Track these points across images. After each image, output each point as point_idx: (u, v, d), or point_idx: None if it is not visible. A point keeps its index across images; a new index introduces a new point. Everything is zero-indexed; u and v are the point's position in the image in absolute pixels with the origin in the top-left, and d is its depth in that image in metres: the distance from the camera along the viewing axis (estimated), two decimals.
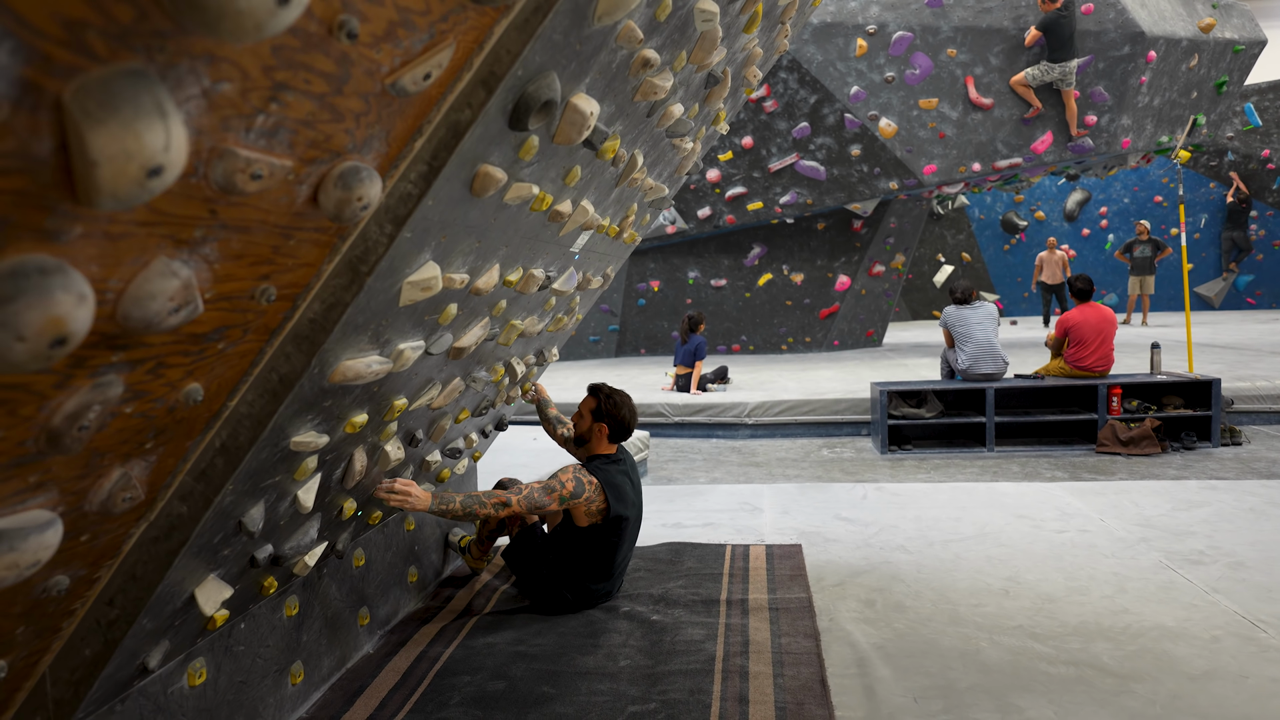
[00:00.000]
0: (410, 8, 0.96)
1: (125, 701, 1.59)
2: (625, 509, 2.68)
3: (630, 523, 2.74)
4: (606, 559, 2.71)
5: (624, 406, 2.81)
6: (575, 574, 2.73)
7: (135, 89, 0.68)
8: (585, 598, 2.75)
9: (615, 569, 2.77)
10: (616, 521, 2.66)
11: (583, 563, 2.71)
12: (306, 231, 1.12)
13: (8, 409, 0.85)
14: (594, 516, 2.65)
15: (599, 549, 2.69)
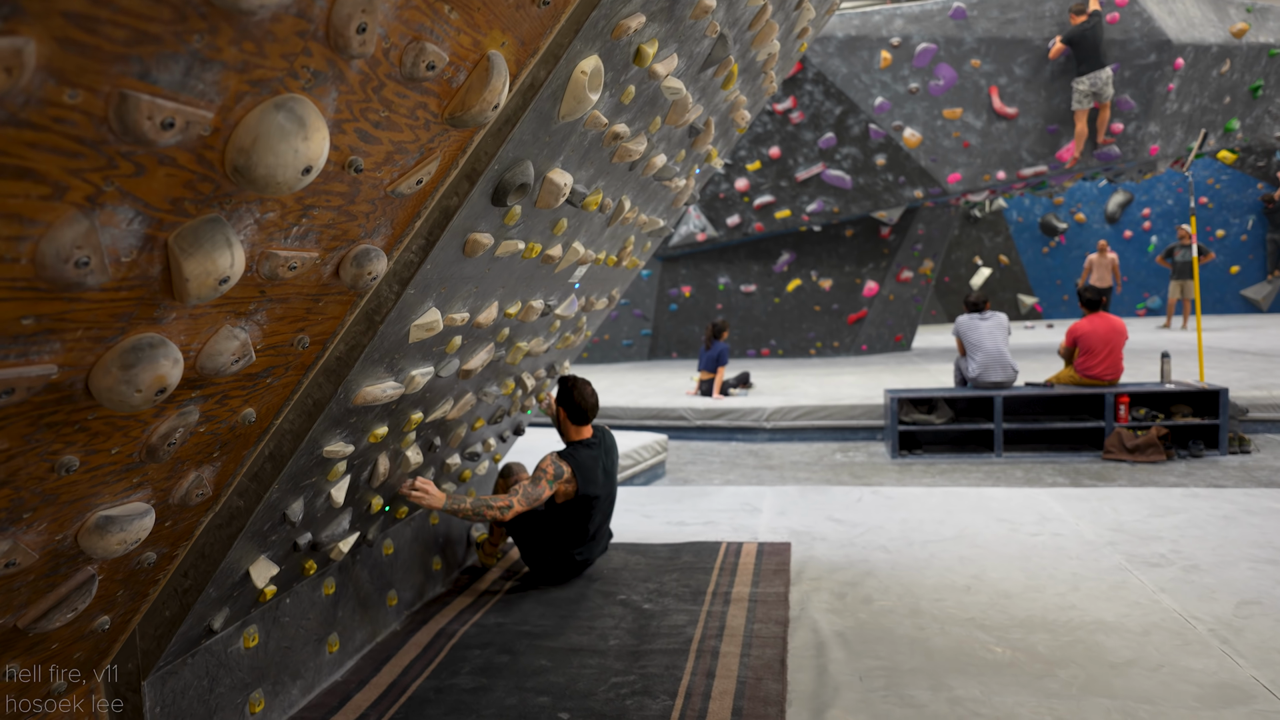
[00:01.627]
0: (402, 141, 1.32)
1: (195, 656, 1.99)
2: (594, 489, 3.10)
3: (600, 500, 3.15)
4: (580, 528, 3.15)
5: (579, 390, 3.20)
6: (556, 541, 3.13)
7: (212, 231, 1.04)
8: (568, 561, 3.19)
9: (589, 537, 3.18)
10: (586, 499, 3.08)
11: (561, 531, 3.14)
12: (332, 295, 1.49)
13: (123, 433, 1.24)
14: (567, 495, 3.07)
15: (573, 520, 3.13)
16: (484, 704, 2.35)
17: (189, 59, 0.85)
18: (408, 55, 1.15)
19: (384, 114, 1.21)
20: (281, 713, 2.31)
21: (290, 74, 0.99)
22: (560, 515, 3.16)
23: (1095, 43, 8.39)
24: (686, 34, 2.04)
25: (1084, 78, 8.46)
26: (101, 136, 0.82)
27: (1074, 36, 8.41)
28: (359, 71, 1.09)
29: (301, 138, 1.01)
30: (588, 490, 3.10)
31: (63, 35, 0.72)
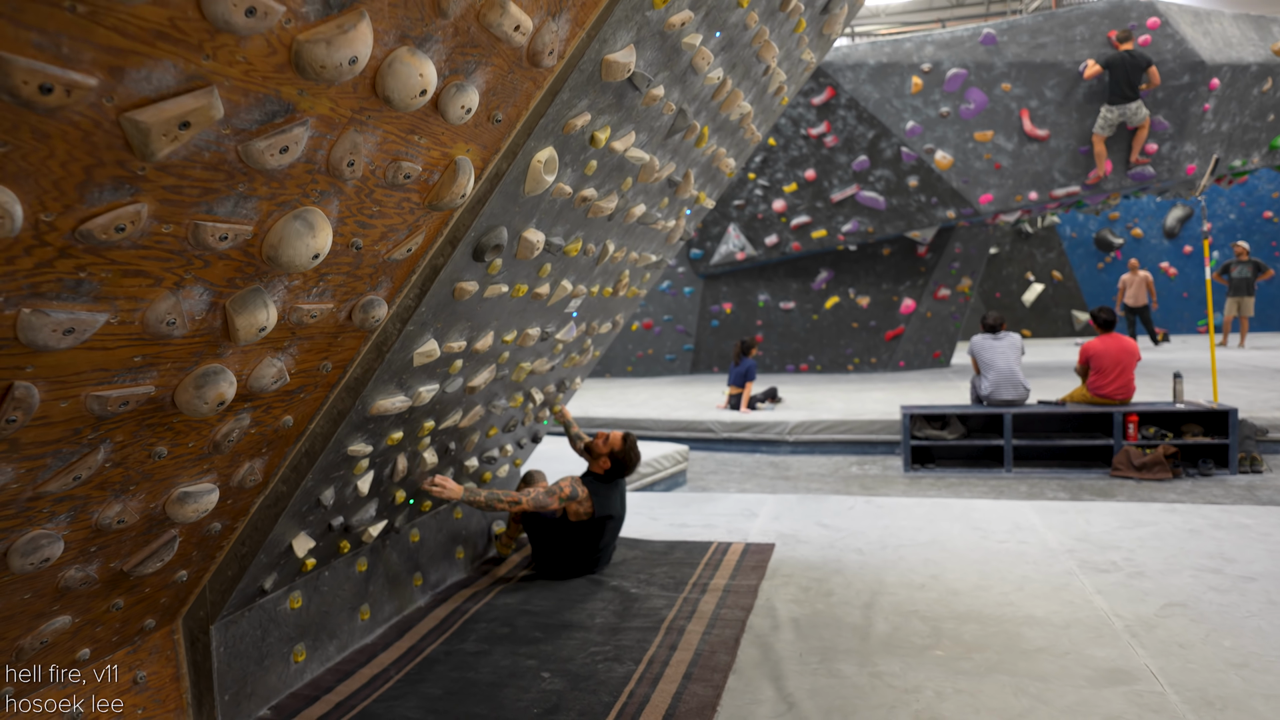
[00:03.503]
0: (393, 224, 1.82)
1: (251, 611, 2.53)
2: (609, 510, 3.54)
3: (613, 520, 3.57)
4: (592, 545, 3.56)
5: (634, 460, 3.70)
6: (570, 555, 3.57)
7: (255, 297, 1.56)
8: (576, 573, 3.60)
9: (599, 556, 3.60)
10: (602, 520, 3.50)
11: (576, 547, 3.56)
12: (347, 333, 2.00)
13: (196, 432, 1.76)
14: (582, 516, 3.49)
15: (587, 538, 3.54)
16: (483, 664, 2.83)
17: (236, 198, 1.36)
18: (389, 171, 1.65)
19: (375, 209, 1.72)
20: (320, 664, 2.84)
21: (304, 195, 1.50)
22: (576, 533, 3.60)
23: (1126, 76, 8.44)
24: (641, 116, 2.51)
25: (1115, 107, 8.53)
26: (183, 248, 1.34)
27: (1113, 61, 8.48)
28: (353, 186, 1.60)
29: (311, 236, 1.52)
30: (604, 512, 3.57)
31: (163, 198, 1.23)
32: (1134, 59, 8.40)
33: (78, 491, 1.57)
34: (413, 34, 1.43)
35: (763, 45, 2.98)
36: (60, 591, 1.76)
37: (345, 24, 1.25)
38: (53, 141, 1.03)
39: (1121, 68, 8.45)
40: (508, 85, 1.81)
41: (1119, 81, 8.48)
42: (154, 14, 1.01)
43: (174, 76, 1.10)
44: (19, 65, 0.92)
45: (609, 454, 3.66)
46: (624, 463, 3.66)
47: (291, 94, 1.30)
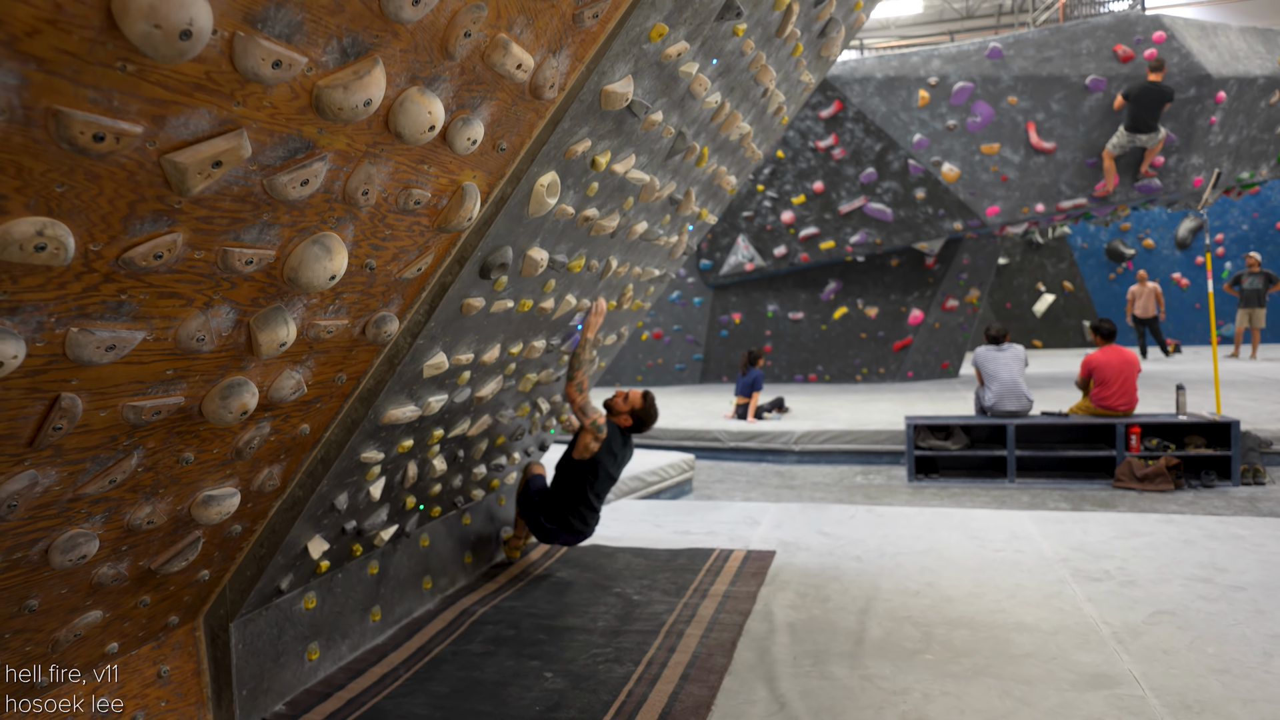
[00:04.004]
0: (404, 245, 1.95)
1: (268, 609, 2.65)
2: (606, 457, 3.67)
3: (603, 468, 3.68)
4: (582, 490, 3.68)
5: (653, 417, 3.86)
6: (560, 503, 3.70)
7: (276, 314, 1.69)
8: (566, 527, 3.73)
9: (591, 503, 3.72)
10: (595, 462, 3.65)
11: (566, 488, 3.69)
12: (361, 347, 2.13)
13: (221, 439, 1.89)
14: (584, 454, 3.65)
15: (579, 480, 3.68)
16: (488, 664, 2.95)
17: (261, 226, 1.49)
18: (401, 197, 1.78)
19: (388, 232, 1.85)
20: (333, 662, 2.96)
21: (322, 221, 1.63)
22: (571, 471, 3.71)
23: (1150, 107, 8.41)
24: (641, 140, 2.63)
25: (1135, 134, 8.52)
26: (213, 272, 1.47)
27: (1137, 94, 8.39)
28: (367, 212, 1.73)
29: (329, 259, 1.65)
30: (603, 453, 3.66)
31: (197, 228, 1.37)
32: (1159, 91, 8.34)
33: (112, 494, 1.70)
34: (422, 75, 1.56)
35: (760, 69, 3.09)
36: (93, 587, 1.89)
37: (361, 70, 1.38)
38: (102, 181, 1.16)
39: (1146, 98, 8.37)
40: (511, 116, 1.94)
41: (1142, 112, 8.41)
42: (193, 69, 1.14)
43: (208, 122, 1.23)
44: (77, 118, 1.05)
45: (629, 411, 3.81)
46: (644, 419, 3.82)
47: (312, 132, 1.43)
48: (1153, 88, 8.37)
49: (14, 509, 1.46)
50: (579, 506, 3.74)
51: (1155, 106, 8.39)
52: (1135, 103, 8.47)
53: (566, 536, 3.81)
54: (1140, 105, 8.43)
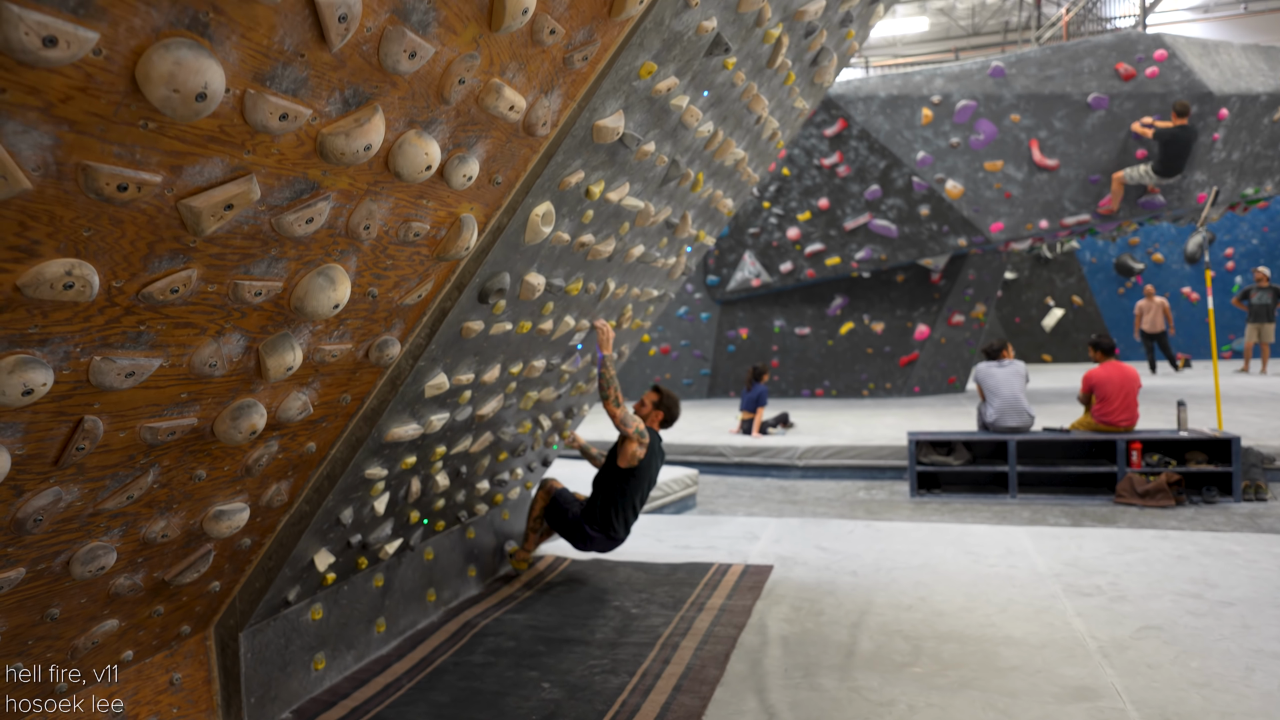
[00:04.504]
0: (405, 274, 2.06)
1: (276, 620, 2.76)
2: (651, 458, 3.84)
3: (649, 473, 3.83)
4: (631, 496, 3.83)
5: (676, 405, 4.05)
6: (605, 508, 3.80)
7: (284, 341, 1.80)
8: (611, 533, 3.84)
9: (636, 508, 3.86)
10: (644, 467, 3.80)
11: (614, 496, 3.80)
12: (365, 369, 2.24)
13: (231, 457, 2.01)
14: (632, 461, 3.76)
15: (628, 487, 3.81)
16: (488, 675, 3.04)
17: (269, 260, 1.61)
18: (401, 230, 1.90)
19: (389, 262, 1.96)
20: (338, 672, 3.06)
21: (326, 255, 1.75)
22: (618, 478, 3.83)
23: (1180, 152, 8.39)
24: (634, 169, 2.75)
25: (1156, 174, 8.54)
26: (225, 303, 1.59)
27: (1169, 138, 8.37)
28: (369, 245, 1.85)
29: (332, 289, 1.76)
30: (648, 457, 3.81)
31: (210, 264, 1.48)
32: (1186, 134, 8.33)
33: (130, 509, 1.81)
34: (420, 119, 1.68)
35: (752, 99, 3.21)
36: (111, 597, 2.00)
37: (361, 118, 1.50)
38: (125, 225, 1.28)
39: (1178, 144, 8.33)
40: (506, 152, 2.06)
41: (1174, 158, 8.37)
42: (207, 124, 1.26)
43: (221, 169, 1.35)
44: (104, 171, 1.17)
45: (654, 408, 3.97)
46: (669, 410, 3.99)
47: (316, 175, 1.54)
48: (1184, 133, 8.35)
49: (39, 523, 1.57)
50: (626, 513, 3.89)
51: (1186, 151, 8.40)
52: (1166, 148, 8.40)
53: (605, 543, 3.92)
54: (1171, 151, 8.35)
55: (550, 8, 1.76)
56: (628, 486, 3.84)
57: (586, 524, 3.88)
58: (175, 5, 1.10)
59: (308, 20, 1.27)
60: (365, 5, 1.34)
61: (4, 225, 1.13)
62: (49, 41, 0.98)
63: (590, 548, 3.96)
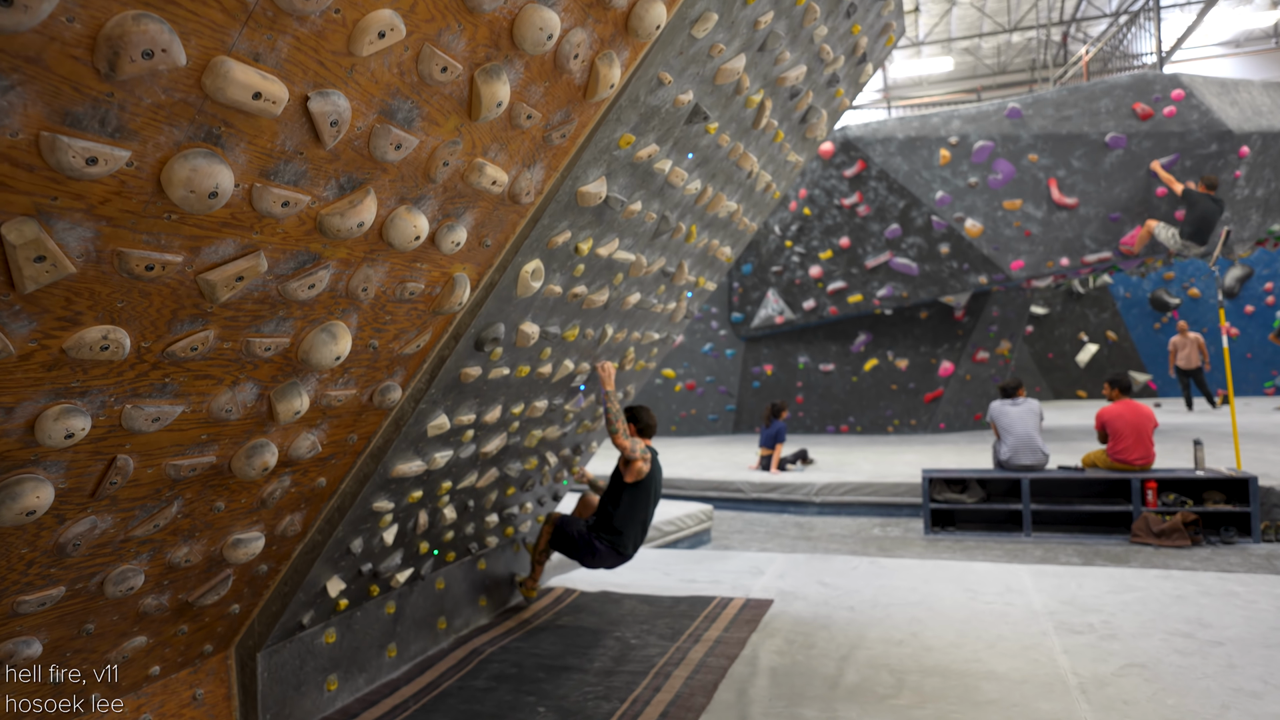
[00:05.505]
0: (403, 326, 2.30)
1: (291, 642, 2.98)
2: (655, 474, 3.99)
3: (655, 484, 3.98)
4: (645, 508, 3.96)
5: (646, 414, 4.12)
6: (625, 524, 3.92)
7: (292, 388, 2.05)
8: (621, 549, 3.95)
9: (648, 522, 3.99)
10: (649, 482, 3.94)
11: (623, 510, 3.92)
12: (369, 411, 2.48)
13: (248, 491, 2.25)
14: (639, 476, 3.90)
15: (641, 500, 3.94)
16: (489, 699, 3.22)
17: (277, 320, 1.86)
18: (397, 290, 2.14)
19: (388, 318, 2.21)
20: (350, 693, 3.27)
21: (329, 313, 1.99)
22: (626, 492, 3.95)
23: (1206, 222, 8.38)
24: (623, 226, 2.98)
25: (1181, 239, 8.54)
26: (238, 358, 1.84)
27: (1193, 201, 8.42)
28: (369, 304, 2.09)
29: (334, 343, 2.01)
30: (653, 470, 3.96)
31: (225, 325, 1.73)
32: (1216, 206, 8.35)
33: (156, 536, 2.06)
34: (410, 196, 1.93)
35: (740, 157, 3.43)
36: (140, 616, 2.24)
37: (355, 200, 1.75)
38: (152, 297, 1.53)
39: (1211, 217, 8.34)
40: (495, 219, 2.30)
41: (1197, 224, 8.37)
42: (221, 213, 1.52)
43: (233, 248, 1.61)
44: (134, 255, 1.43)
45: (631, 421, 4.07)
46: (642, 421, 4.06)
47: (317, 247, 1.80)
48: (1212, 204, 8.33)
49: (78, 547, 1.82)
50: (634, 528, 3.99)
51: (1212, 223, 8.40)
52: (1193, 209, 8.39)
53: (613, 558, 4.01)
54: (1196, 214, 8.34)
55: (526, 96, 2.01)
56: (635, 500, 3.95)
57: (595, 538, 3.97)
58: (193, 123, 1.36)
59: (304, 126, 1.53)
60: (354, 110, 1.60)
61: (53, 300, 1.38)
62: (91, 160, 1.24)
63: (597, 563, 4.02)
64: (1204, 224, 8.42)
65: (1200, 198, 8.43)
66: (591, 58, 2.09)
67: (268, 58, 1.38)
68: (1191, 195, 8.47)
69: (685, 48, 2.44)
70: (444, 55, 1.66)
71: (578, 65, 2.05)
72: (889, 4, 3.64)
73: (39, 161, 1.21)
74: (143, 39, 1.17)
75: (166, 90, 1.28)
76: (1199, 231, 8.47)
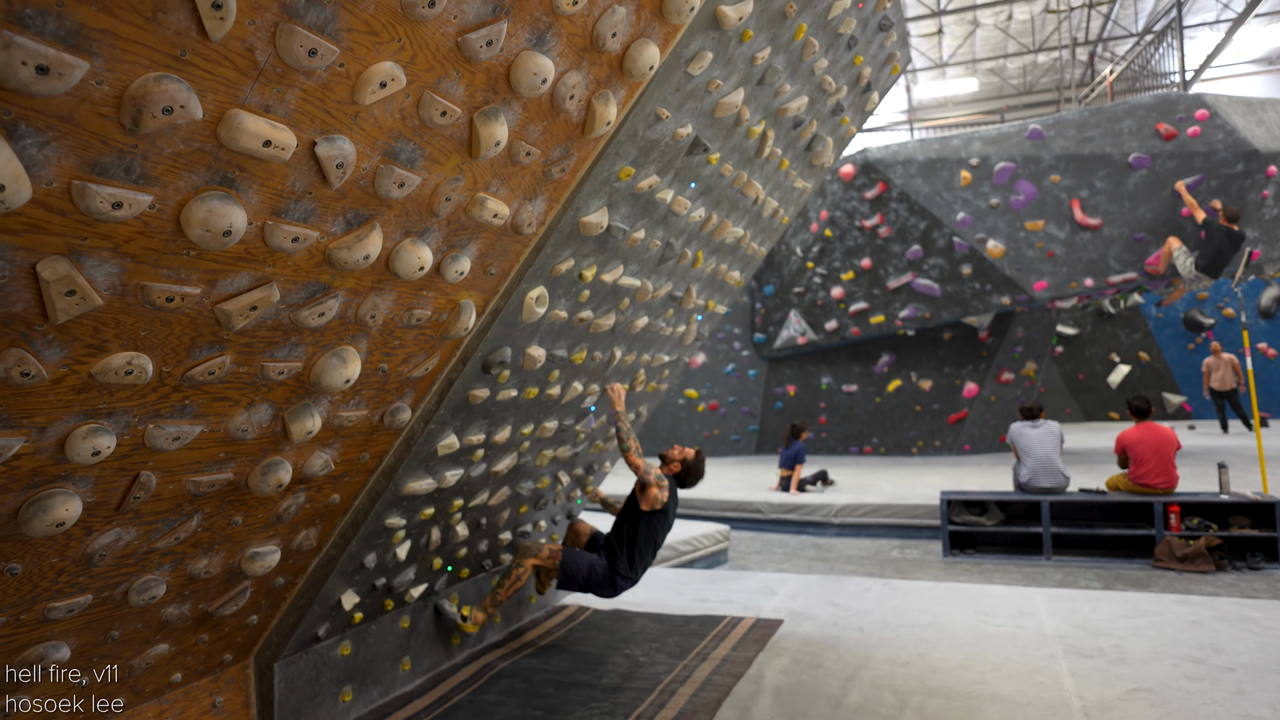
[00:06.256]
0: (412, 351, 2.43)
1: (307, 653, 3.10)
2: (671, 505, 3.96)
3: (670, 514, 3.95)
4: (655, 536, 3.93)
5: (700, 472, 4.15)
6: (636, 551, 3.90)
7: (305, 409, 2.17)
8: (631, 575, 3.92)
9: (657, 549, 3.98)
10: (665, 512, 3.92)
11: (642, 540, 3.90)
12: (380, 431, 2.61)
13: (264, 507, 2.38)
14: (655, 504, 3.87)
15: (652, 529, 3.91)
16: (497, 713, 3.30)
17: (290, 345, 1.99)
18: (405, 317, 2.26)
19: (397, 343, 2.33)
20: (364, 705, 3.37)
21: (339, 339, 2.12)
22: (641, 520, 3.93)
23: (1221, 256, 8.31)
24: (627, 253, 3.09)
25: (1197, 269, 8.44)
26: (254, 381, 1.97)
27: (1213, 232, 8.34)
28: (378, 330, 2.22)
29: (344, 367, 2.13)
30: (669, 501, 3.95)
31: (240, 350, 1.86)
32: (1231, 242, 8.25)
33: (177, 548, 2.19)
34: (415, 229, 2.06)
35: (745, 185, 3.53)
36: (162, 624, 2.37)
37: (361, 234, 1.88)
38: (172, 325, 1.67)
39: (1228, 248, 8.26)
40: (498, 248, 2.42)
41: (1214, 254, 8.29)
42: (236, 248, 1.65)
43: (247, 280, 1.74)
44: (156, 289, 1.56)
45: (681, 460, 4.09)
46: (691, 470, 4.09)
47: (327, 278, 1.92)
48: (1231, 236, 8.24)
49: (104, 558, 1.96)
50: (646, 555, 3.97)
51: (1229, 256, 8.29)
52: (1212, 238, 8.30)
53: (623, 584, 3.97)
54: (1214, 245, 8.25)
55: (525, 135, 2.13)
56: (651, 527, 3.96)
57: (614, 573, 3.94)
58: (209, 169, 1.49)
59: (313, 168, 1.66)
60: (359, 152, 1.73)
61: (82, 330, 1.52)
62: (117, 205, 1.37)
63: (614, 595, 4.02)
64: (1218, 258, 8.31)
65: (1218, 230, 8.32)
66: (588, 97, 2.21)
67: (277, 108, 1.51)
68: (1211, 226, 8.37)
69: (682, 85, 2.55)
70: (443, 100, 1.79)
71: (574, 105, 2.17)
72: (891, 35, 3.73)
73: (71, 206, 1.35)
74: (163, 97, 1.31)
75: (185, 140, 1.41)
76: (1212, 265, 8.37)
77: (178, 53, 1.31)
